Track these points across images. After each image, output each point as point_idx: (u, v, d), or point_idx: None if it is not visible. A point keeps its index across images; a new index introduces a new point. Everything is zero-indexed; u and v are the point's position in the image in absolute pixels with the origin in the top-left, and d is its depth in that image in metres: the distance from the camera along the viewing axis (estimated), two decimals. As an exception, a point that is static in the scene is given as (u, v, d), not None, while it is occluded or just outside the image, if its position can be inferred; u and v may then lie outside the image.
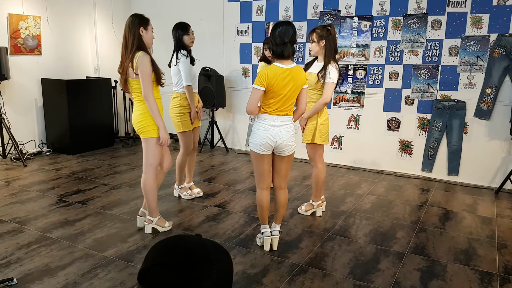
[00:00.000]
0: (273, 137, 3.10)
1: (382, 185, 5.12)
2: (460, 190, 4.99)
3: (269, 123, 3.10)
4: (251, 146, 3.19)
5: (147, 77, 3.25)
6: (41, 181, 5.01)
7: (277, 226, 3.40)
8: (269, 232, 3.35)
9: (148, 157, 3.45)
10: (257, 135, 3.14)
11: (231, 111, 6.85)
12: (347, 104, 5.80)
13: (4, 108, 5.75)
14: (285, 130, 3.13)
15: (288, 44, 3.04)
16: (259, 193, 3.31)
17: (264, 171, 3.24)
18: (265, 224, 3.37)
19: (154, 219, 3.62)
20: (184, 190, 4.50)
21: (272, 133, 3.10)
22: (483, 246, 3.50)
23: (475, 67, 5.00)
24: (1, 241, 3.43)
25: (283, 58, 3.07)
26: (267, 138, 3.10)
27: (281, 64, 3.07)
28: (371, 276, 3.00)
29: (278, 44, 3.04)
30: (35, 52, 6.22)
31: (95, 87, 6.63)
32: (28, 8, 6.06)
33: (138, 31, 3.33)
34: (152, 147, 3.42)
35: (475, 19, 4.92)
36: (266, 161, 3.21)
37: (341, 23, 5.70)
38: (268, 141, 3.11)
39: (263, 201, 3.30)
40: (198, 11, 6.77)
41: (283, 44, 3.03)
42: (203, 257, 0.98)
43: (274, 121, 3.10)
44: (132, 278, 2.91)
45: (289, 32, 3.03)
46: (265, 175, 3.25)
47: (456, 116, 5.13)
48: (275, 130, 3.10)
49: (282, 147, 3.14)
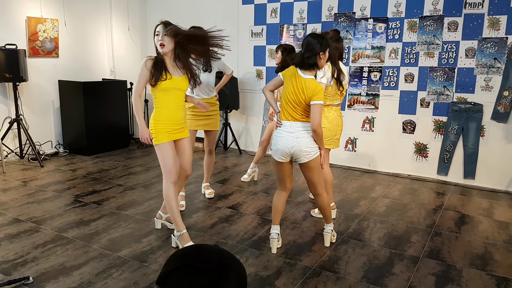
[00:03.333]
0: (289, 144, 3.11)
1: (397, 188, 5.07)
2: (477, 194, 4.92)
3: (287, 129, 3.14)
4: (272, 152, 3.27)
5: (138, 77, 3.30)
6: (57, 182, 5.08)
7: (328, 225, 3.46)
8: (276, 234, 3.35)
9: (162, 166, 3.36)
10: (275, 142, 3.20)
11: (245, 113, 6.86)
12: (361, 106, 5.77)
13: (22, 110, 5.84)
14: (301, 136, 3.11)
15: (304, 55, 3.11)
16: (276, 194, 3.38)
17: (281, 177, 3.30)
18: (274, 224, 3.38)
19: (176, 234, 3.32)
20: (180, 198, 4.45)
21: (288, 140, 3.12)
22: (500, 251, 3.44)
23: (492, 69, 4.93)
24: (17, 240, 3.49)
25: (303, 68, 3.14)
26: (283, 145, 3.13)
27: (300, 71, 3.14)
28: (385, 280, 2.98)
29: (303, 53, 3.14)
30: (53, 55, 6.32)
31: (111, 89, 6.70)
32: (46, 11, 6.16)
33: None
34: (159, 155, 3.34)
35: (493, 21, 4.85)
36: (284, 168, 3.24)
37: (356, 25, 5.67)
38: (284, 149, 3.13)
39: (276, 202, 3.35)
40: (213, 13, 6.80)
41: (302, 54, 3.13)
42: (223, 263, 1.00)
43: (290, 128, 3.13)
44: (146, 278, 2.93)
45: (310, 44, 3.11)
46: (282, 180, 3.31)
47: (472, 119, 5.06)
48: (290, 137, 3.12)
49: (298, 154, 3.13)
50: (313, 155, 3.15)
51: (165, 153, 3.30)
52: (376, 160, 5.77)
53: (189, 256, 1.01)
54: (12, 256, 3.20)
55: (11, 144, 5.97)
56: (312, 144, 3.13)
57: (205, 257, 1.00)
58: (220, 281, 0.96)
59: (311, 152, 3.13)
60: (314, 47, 3.09)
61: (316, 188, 3.30)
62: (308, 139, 3.13)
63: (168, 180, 3.33)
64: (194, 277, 0.95)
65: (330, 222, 3.47)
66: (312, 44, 3.09)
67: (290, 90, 3.13)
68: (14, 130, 5.93)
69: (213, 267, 0.98)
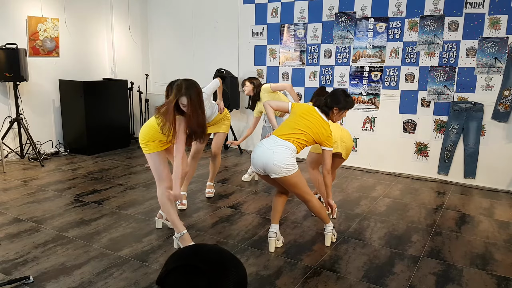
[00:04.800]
0: (264, 158, 3.10)
1: (398, 187, 5.07)
2: (477, 194, 4.92)
3: (269, 143, 3.16)
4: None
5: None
6: (57, 181, 5.08)
7: (328, 225, 3.48)
8: (274, 233, 3.37)
9: (153, 172, 3.44)
10: (254, 152, 3.24)
11: (245, 113, 6.86)
12: (362, 106, 5.77)
13: (22, 109, 5.85)
14: (278, 151, 3.07)
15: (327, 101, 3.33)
16: (275, 193, 3.44)
17: (273, 184, 3.38)
18: (273, 223, 3.40)
19: (177, 235, 3.32)
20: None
21: (264, 153, 3.12)
22: (500, 251, 3.44)
23: (492, 69, 4.92)
24: (18, 239, 3.49)
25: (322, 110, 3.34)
26: (258, 158, 3.15)
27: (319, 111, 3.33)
28: (385, 279, 2.97)
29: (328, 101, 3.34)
30: (53, 54, 6.33)
31: (111, 89, 6.70)
32: (47, 11, 6.16)
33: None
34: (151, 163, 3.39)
35: (493, 20, 4.84)
36: (267, 179, 3.28)
37: (357, 24, 5.66)
38: (257, 162, 3.16)
39: (275, 202, 3.41)
40: (213, 13, 6.80)
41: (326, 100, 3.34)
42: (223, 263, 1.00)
43: (274, 142, 3.14)
44: (146, 277, 2.93)
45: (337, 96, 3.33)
46: (273, 185, 3.40)
47: (473, 118, 5.05)
48: (268, 151, 3.10)
49: (271, 168, 3.07)
50: (287, 172, 3.07)
51: (155, 163, 3.36)
52: (377, 159, 5.77)
53: (189, 256, 1.01)
54: (12, 256, 3.20)
55: (11, 143, 5.98)
56: (288, 162, 3.06)
57: (205, 257, 1.00)
58: (220, 280, 0.96)
59: (286, 169, 3.06)
60: (338, 100, 3.31)
61: (302, 197, 3.30)
62: (285, 155, 3.06)
63: (160, 187, 3.39)
64: (194, 276, 0.95)
65: (328, 222, 3.47)
66: (338, 97, 3.32)
67: (304, 121, 3.22)
68: (15, 130, 5.93)
69: (213, 266, 0.98)
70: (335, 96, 3.32)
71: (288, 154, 3.08)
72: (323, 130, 3.23)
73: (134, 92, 7.19)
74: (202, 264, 0.97)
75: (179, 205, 4.28)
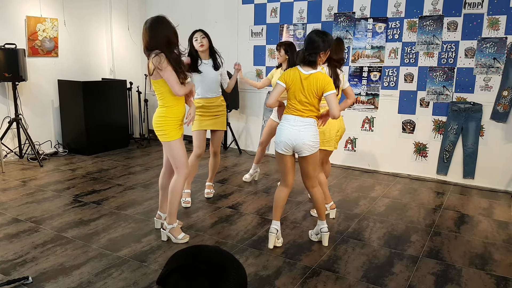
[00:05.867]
0: (292, 137, 3.17)
1: (397, 188, 5.07)
2: (476, 194, 4.92)
3: (290, 123, 3.20)
4: (275, 145, 3.30)
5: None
6: (56, 181, 5.08)
7: (323, 222, 3.47)
8: (275, 229, 3.39)
9: (175, 160, 3.41)
10: (279, 134, 3.25)
11: (245, 113, 6.86)
12: (361, 106, 5.77)
13: (21, 109, 5.84)
14: (304, 130, 3.17)
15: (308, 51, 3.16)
16: (278, 189, 3.43)
17: (285, 170, 3.34)
18: (274, 220, 3.41)
19: (169, 226, 3.49)
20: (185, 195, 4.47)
21: (291, 132, 3.18)
22: (499, 251, 3.45)
23: (491, 69, 4.93)
24: (17, 240, 3.48)
25: (304, 64, 3.19)
26: (286, 138, 3.19)
27: (302, 68, 3.19)
28: (384, 279, 2.98)
29: (304, 50, 3.19)
30: (52, 54, 6.32)
31: (110, 89, 6.70)
32: (46, 11, 6.16)
33: None
34: (175, 149, 3.39)
35: (492, 21, 4.85)
36: (287, 161, 3.30)
37: (356, 24, 5.67)
38: (287, 141, 3.19)
39: (278, 197, 3.39)
40: (213, 13, 6.80)
41: (305, 50, 3.19)
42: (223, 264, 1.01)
43: (294, 121, 3.19)
44: (146, 278, 2.93)
45: (313, 42, 3.15)
46: (286, 173, 3.35)
47: (472, 118, 5.06)
48: (294, 130, 3.17)
49: (301, 147, 3.19)
50: (314, 149, 3.21)
51: (180, 148, 3.41)
52: (376, 159, 5.77)
53: (190, 256, 1.01)
54: (11, 256, 3.20)
55: (10, 143, 5.97)
56: (314, 139, 3.20)
57: (205, 257, 1.00)
58: (220, 281, 0.96)
59: (313, 146, 3.20)
60: (317, 45, 3.14)
61: (312, 181, 3.37)
62: (311, 133, 3.19)
63: (181, 174, 3.43)
64: (194, 277, 0.95)
65: (324, 219, 3.48)
66: (315, 42, 3.15)
67: (299, 92, 3.17)
68: (14, 130, 5.92)
69: (214, 267, 0.98)
70: (312, 44, 3.14)
71: (313, 131, 3.21)
72: (319, 84, 3.13)
73: (133, 92, 7.18)
74: (203, 264, 0.97)
75: (184, 202, 4.34)
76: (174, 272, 0.97)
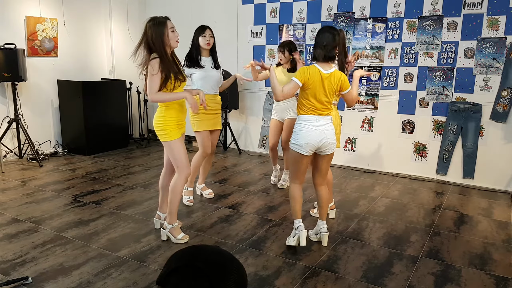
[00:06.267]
0: (318, 138, 3.20)
1: (396, 188, 5.07)
2: (476, 194, 4.92)
3: (312, 123, 3.22)
4: (295, 147, 3.27)
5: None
6: (56, 181, 5.08)
7: (323, 222, 3.48)
8: (303, 225, 3.38)
9: (176, 160, 3.41)
10: (301, 136, 3.23)
11: (244, 113, 6.86)
12: (361, 106, 5.77)
13: (21, 109, 5.84)
14: (328, 128, 3.25)
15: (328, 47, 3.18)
16: (293, 187, 3.41)
17: (302, 169, 3.36)
18: (298, 218, 3.40)
19: (169, 226, 3.50)
20: (189, 193, 4.48)
21: (316, 133, 3.21)
22: (499, 251, 3.45)
23: (491, 69, 4.93)
24: (16, 240, 3.48)
25: (324, 61, 3.22)
26: (312, 139, 3.20)
27: (320, 67, 3.20)
28: (384, 279, 2.98)
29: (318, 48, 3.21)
30: (52, 54, 6.32)
31: (110, 89, 6.70)
32: (45, 11, 6.15)
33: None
34: (175, 149, 3.39)
35: (492, 21, 4.85)
36: (307, 161, 3.33)
37: (355, 25, 5.67)
38: (313, 143, 3.21)
39: (297, 195, 3.40)
40: (212, 13, 6.79)
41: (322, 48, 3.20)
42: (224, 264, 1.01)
43: (315, 122, 3.22)
44: (145, 278, 2.93)
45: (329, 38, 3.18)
46: (303, 173, 3.39)
47: (471, 118, 5.06)
48: (318, 130, 3.21)
49: (326, 146, 3.25)
50: (335, 146, 3.33)
51: (180, 148, 3.41)
52: (375, 160, 5.77)
53: (190, 256, 1.01)
54: (11, 256, 3.20)
55: (10, 144, 5.97)
56: (335, 136, 3.32)
57: (206, 258, 1.00)
58: (221, 282, 0.96)
59: (335, 143, 3.32)
60: (335, 39, 3.19)
61: (324, 178, 3.46)
62: (333, 131, 3.29)
63: (182, 174, 3.43)
64: (195, 277, 0.95)
65: (324, 220, 3.49)
66: (334, 36, 3.19)
67: (320, 92, 3.19)
68: (13, 130, 5.92)
69: (214, 267, 0.98)
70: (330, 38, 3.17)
71: (333, 128, 3.31)
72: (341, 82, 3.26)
73: (133, 92, 7.18)
74: (203, 265, 0.97)
75: (187, 201, 4.36)
76: (174, 272, 0.97)
